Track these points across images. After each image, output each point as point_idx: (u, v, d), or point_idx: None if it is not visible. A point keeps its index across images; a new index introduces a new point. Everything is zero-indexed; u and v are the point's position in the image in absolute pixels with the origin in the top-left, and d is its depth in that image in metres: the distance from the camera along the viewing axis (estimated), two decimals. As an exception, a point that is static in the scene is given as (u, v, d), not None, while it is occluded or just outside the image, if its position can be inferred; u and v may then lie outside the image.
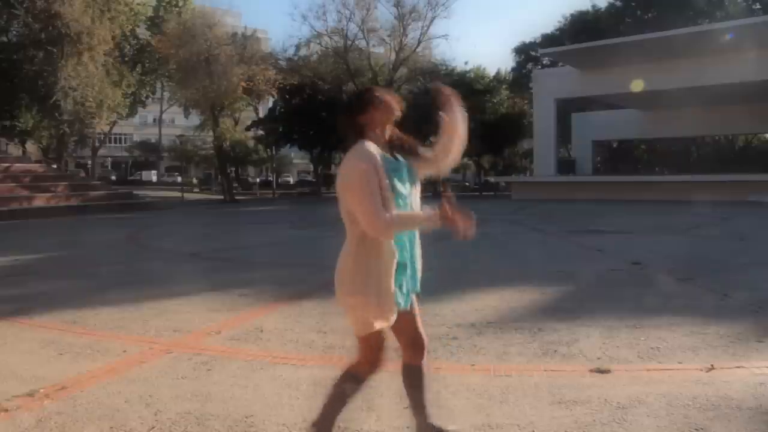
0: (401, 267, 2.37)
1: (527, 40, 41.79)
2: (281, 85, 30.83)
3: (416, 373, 2.56)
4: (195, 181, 52.50)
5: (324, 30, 33.88)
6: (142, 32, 34.70)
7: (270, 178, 48.02)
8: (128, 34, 32.01)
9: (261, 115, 41.18)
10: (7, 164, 23.55)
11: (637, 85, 23.27)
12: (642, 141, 39.90)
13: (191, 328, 4.97)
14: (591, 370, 3.73)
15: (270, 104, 40.47)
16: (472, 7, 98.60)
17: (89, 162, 46.82)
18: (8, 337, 4.80)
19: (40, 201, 21.10)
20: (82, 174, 39.90)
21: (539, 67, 38.03)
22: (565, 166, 30.39)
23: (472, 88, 34.73)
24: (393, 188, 2.27)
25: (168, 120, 58.16)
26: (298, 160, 58.84)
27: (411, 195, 2.38)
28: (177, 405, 3.28)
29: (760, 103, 26.02)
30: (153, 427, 3.02)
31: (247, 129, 39.82)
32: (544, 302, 5.80)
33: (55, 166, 29.45)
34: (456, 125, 2.45)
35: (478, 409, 3.18)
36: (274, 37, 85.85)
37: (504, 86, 37.21)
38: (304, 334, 4.70)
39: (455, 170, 51.63)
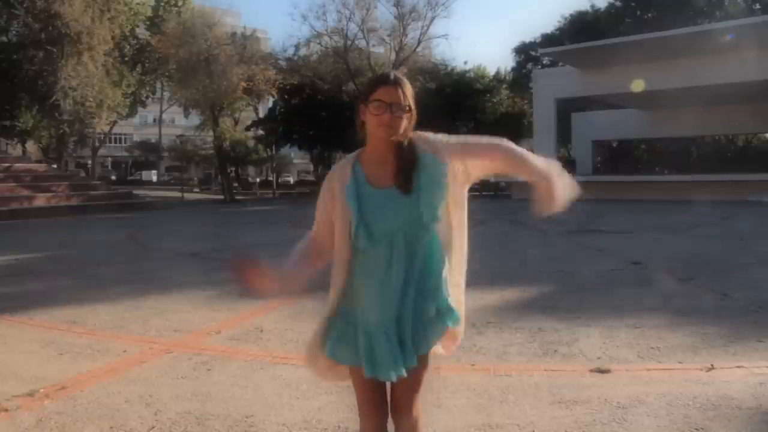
0: (361, 330, 1.83)
1: (527, 40, 41.75)
2: (281, 85, 30.82)
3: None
4: (195, 180, 52.55)
5: (324, 30, 33.86)
6: (142, 32, 34.69)
7: (270, 178, 48.03)
8: (128, 34, 32.00)
9: (261, 115, 41.17)
10: (7, 164, 23.55)
11: (638, 86, 23.24)
12: (642, 141, 39.85)
13: (191, 328, 4.97)
14: (591, 370, 3.73)
15: (270, 104, 40.45)
16: (472, 7, 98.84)
17: (89, 162, 46.82)
18: (8, 337, 4.80)
19: (40, 201, 21.10)
20: (82, 174, 39.87)
21: (539, 67, 38.00)
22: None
23: (472, 88, 34.77)
24: (355, 221, 1.78)
25: (168, 120, 58.19)
26: (298, 160, 58.85)
27: (388, 242, 1.78)
28: (177, 405, 3.28)
29: (760, 103, 25.99)
30: (153, 427, 3.02)
31: (247, 129, 39.81)
32: (545, 302, 5.80)
33: (55, 166, 29.45)
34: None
35: (478, 409, 3.18)
36: (274, 37, 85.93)
37: (504, 86, 37.20)
38: (304, 334, 4.68)
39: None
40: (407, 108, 1.79)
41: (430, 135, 1.87)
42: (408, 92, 1.80)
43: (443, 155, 1.81)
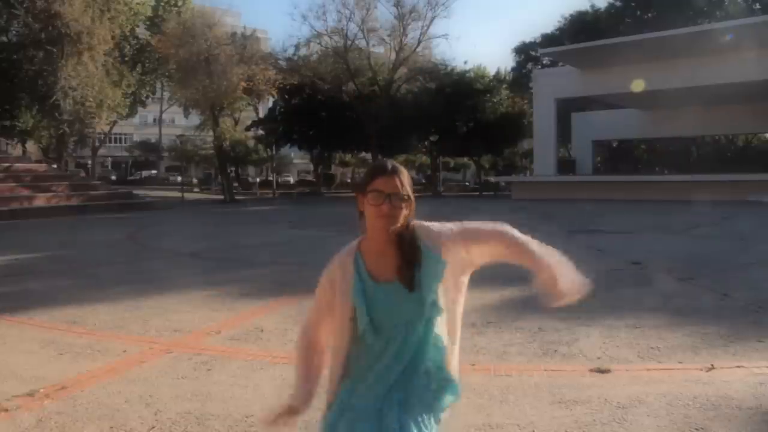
0: (352, 412, 1.78)
1: (527, 40, 41.76)
2: (281, 85, 30.82)
3: None
4: (195, 180, 52.55)
5: (324, 30, 33.90)
6: (142, 32, 34.69)
7: (270, 178, 48.06)
8: (128, 34, 32.00)
9: (261, 115, 41.16)
10: (7, 164, 23.55)
11: (638, 86, 23.24)
12: (642, 141, 39.88)
13: (191, 328, 4.97)
14: (591, 370, 3.73)
15: (270, 104, 40.44)
16: (472, 7, 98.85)
17: (89, 162, 46.85)
18: (8, 337, 4.80)
19: (40, 201, 21.10)
20: (82, 174, 39.89)
21: (539, 66, 38.01)
22: (565, 166, 30.40)
23: (472, 88, 34.75)
24: (364, 319, 1.76)
25: (168, 120, 58.18)
26: (298, 160, 58.84)
27: (400, 326, 1.76)
28: (177, 405, 3.28)
29: (760, 103, 26.01)
30: (153, 427, 3.02)
31: (247, 129, 39.82)
32: (544, 302, 5.80)
33: (55, 166, 29.47)
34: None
35: (478, 409, 3.18)
36: (274, 37, 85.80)
37: (504, 86, 37.21)
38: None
39: (455, 170, 51.12)
40: (406, 197, 1.74)
41: (431, 226, 1.82)
42: (406, 181, 1.76)
43: (444, 250, 1.78)
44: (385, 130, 31.60)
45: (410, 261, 1.75)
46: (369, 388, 1.78)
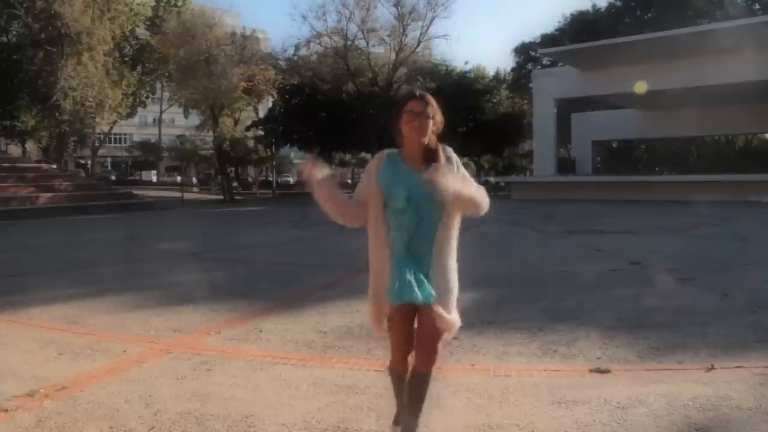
0: (400, 258, 2.45)
1: (527, 40, 41.74)
2: (281, 85, 30.81)
3: (416, 379, 2.62)
4: (195, 180, 52.52)
5: (324, 30, 33.83)
6: (142, 32, 34.69)
7: (269, 178, 48.01)
8: (128, 34, 31.99)
9: (261, 115, 41.14)
10: (7, 164, 23.55)
11: (641, 87, 23.20)
12: (642, 141, 39.87)
13: (191, 328, 4.97)
14: (591, 370, 3.73)
15: (270, 104, 40.44)
16: (471, 7, 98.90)
17: (89, 162, 46.86)
18: (8, 337, 4.79)
19: (40, 200, 21.12)
20: (82, 174, 39.87)
21: (539, 67, 37.99)
22: (565, 166, 30.38)
23: (472, 88, 34.74)
24: (389, 194, 2.46)
25: (168, 120, 58.15)
26: (298, 160, 58.80)
27: (416, 204, 2.43)
28: (177, 405, 3.28)
29: (760, 103, 26.00)
30: (153, 427, 3.02)
31: (247, 129, 39.81)
32: (545, 302, 5.80)
33: (55, 166, 29.47)
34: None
35: (478, 409, 3.18)
36: (274, 37, 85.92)
37: (504, 86, 37.16)
38: (304, 334, 4.70)
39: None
40: (431, 116, 2.44)
41: (454, 158, 2.54)
42: (432, 104, 2.46)
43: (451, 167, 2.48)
44: (385, 130, 31.51)
45: (434, 159, 2.45)
46: (403, 244, 2.45)
